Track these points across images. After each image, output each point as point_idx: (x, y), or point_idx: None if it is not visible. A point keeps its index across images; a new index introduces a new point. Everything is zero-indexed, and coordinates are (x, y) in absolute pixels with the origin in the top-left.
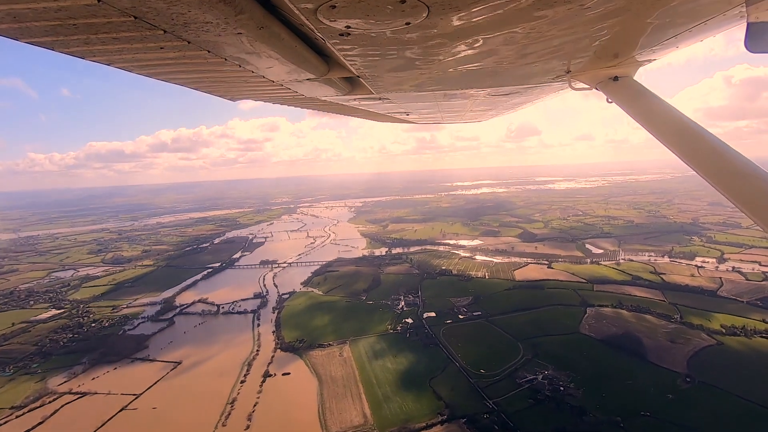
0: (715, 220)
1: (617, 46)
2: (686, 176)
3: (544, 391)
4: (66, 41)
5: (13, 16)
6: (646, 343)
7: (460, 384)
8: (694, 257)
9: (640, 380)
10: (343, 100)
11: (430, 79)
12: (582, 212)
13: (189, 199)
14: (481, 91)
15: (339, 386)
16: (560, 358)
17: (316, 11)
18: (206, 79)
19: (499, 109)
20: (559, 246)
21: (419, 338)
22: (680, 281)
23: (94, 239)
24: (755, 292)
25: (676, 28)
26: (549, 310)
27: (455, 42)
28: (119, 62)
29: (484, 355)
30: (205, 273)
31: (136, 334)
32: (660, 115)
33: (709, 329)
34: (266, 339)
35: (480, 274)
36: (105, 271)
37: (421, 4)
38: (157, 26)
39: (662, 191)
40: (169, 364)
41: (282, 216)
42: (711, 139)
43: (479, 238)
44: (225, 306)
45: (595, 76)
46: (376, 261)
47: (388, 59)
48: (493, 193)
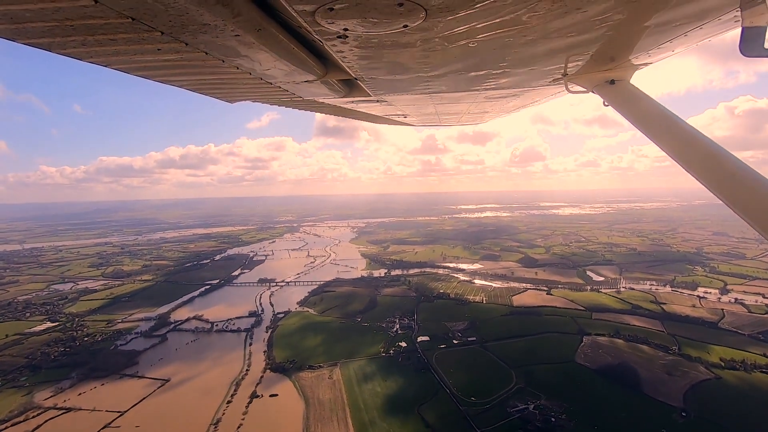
0: (720, 250)
1: (613, 50)
2: (692, 205)
3: (534, 421)
4: (63, 42)
5: (10, 17)
6: (642, 374)
7: (450, 411)
8: (696, 287)
9: (634, 413)
10: (341, 102)
11: (427, 82)
12: (585, 239)
13: (194, 215)
14: (478, 94)
15: (326, 410)
16: (553, 387)
17: (314, 13)
18: (204, 80)
19: (497, 111)
20: (560, 272)
21: (411, 362)
22: (681, 312)
23: (97, 253)
24: (757, 325)
25: (671, 32)
26: (545, 338)
27: (452, 44)
28: (116, 63)
29: (475, 382)
30: (203, 290)
31: (127, 350)
32: (656, 119)
33: (708, 362)
34: (257, 358)
35: (478, 299)
36: (104, 284)
37: (418, 6)
38: (155, 28)
39: (667, 219)
40: (157, 381)
41: (284, 234)
42: (706, 142)
43: (479, 262)
44: (219, 324)
45: (592, 80)
46: (374, 282)
47: (385, 61)
48: (497, 217)
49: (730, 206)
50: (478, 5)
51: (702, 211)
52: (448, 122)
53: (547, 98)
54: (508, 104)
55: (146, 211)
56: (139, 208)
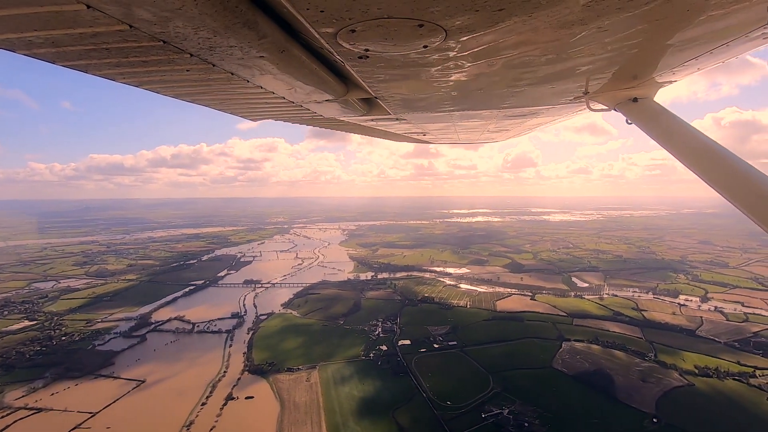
0: (703, 259)
1: (636, 68)
2: (680, 214)
3: (508, 426)
4: (99, 65)
5: (52, 41)
6: (617, 380)
7: (424, 415)
8: (677, 295)
9: (607, 419)
10: (361, 121)
11: (446, 100)
12: (573, 245)
13: (184, 215)
14: (497, 112)
15: (300, 413)
16: (529, 392)
17: (336, 35)
18: (229, 100)
19: (516, 129)
20: (546, 278)
21: (390, 366)
22: (661, 319)
23: (82, 251)
24: (734, 333)
25: (696, 50)
26: (524, 343)
27: (472, 64)
28: (147, 84)
29: (453, 387)
30: (187, 290)
31: (104, 350)
32: (681, 137)
33: (682, 369)
34: (236, 360)
35: (462, 303)
36: (87, 283)
37: (438, 27)
38: (184, 50)
39: (655, 227)
40: (132, 382)
41: (274, 236)
42: (734, 161)
43: (467, 266)
44: (200, 324)
45: (614, 97)
46: (359, 285)
47: (405, 81)
48: (488, 222)
49: (762, 226)
50: (497, 26)
51: (690, 219)
52: (467, 140)
53: (567, 116)
54: (527, 122)
55: (136, 210)
56: (129, 207)
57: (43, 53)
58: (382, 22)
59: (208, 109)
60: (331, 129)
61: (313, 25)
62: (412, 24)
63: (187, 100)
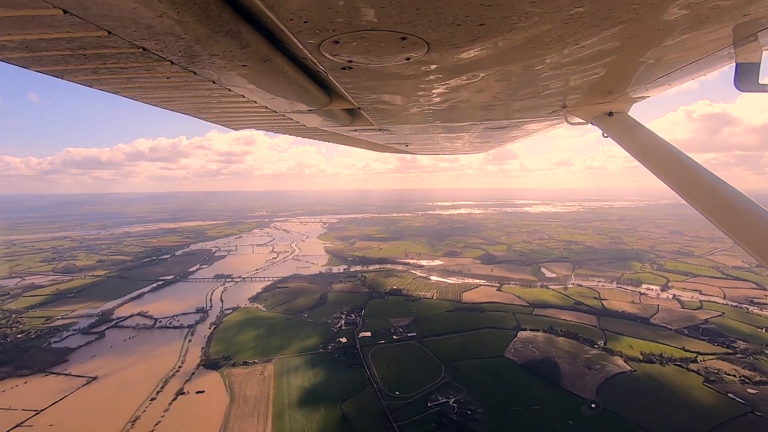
0: (671, 248)
1: (611, 84)
2: (658, 204)
3: (450, 414)
4: (75, 71)
5: (26, 45)
6: (563, 368)
7: (371, 406)
8: (640, 284)
9: (547, 406)
10: (344, 131)
11: (428, 113)
12: (548, 236)
13: (164, 209)
14: (479, 125)
15: (249, 406)
16: (477, 381)
17: (320, 46)
18: (211, 108)
19: (497, 141)
20: (516, 269)
21: (346, 358)
22: (618, 307)
23: (53, 247)
24: (686, 320)
25: (667, 68)
26: (481, 333)
27: (453, 77)
28: (126, 91)
29: (404, 377)
30: (155, 285)
31: (59, 347)
32: (653, 149)
33: (627, 356)
34: (193, 355)
35: (429, 295)
36: (53, 280)
37: (421, 40)
38: (165, 57)
39: (631, 218)
40: (83, 379)
41: (253, 230)
42: (703, 173)
43: (440, 258)
44: (163, 320)
45: (591, 112)
46: (330, 278)
47: (388, 92)
48: (469, 214)
49: (730, 236)
50: (478, 40)
51: (665, 210)
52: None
53: (546, 129)
54: (508, 134)
55: (115, 205)
56: (108, 202)
57: (17, 58)
58: (365, 34)
59: None
60: (314, 139)
61: (297, 36)
62: (396, 37)
63: (168, 108)
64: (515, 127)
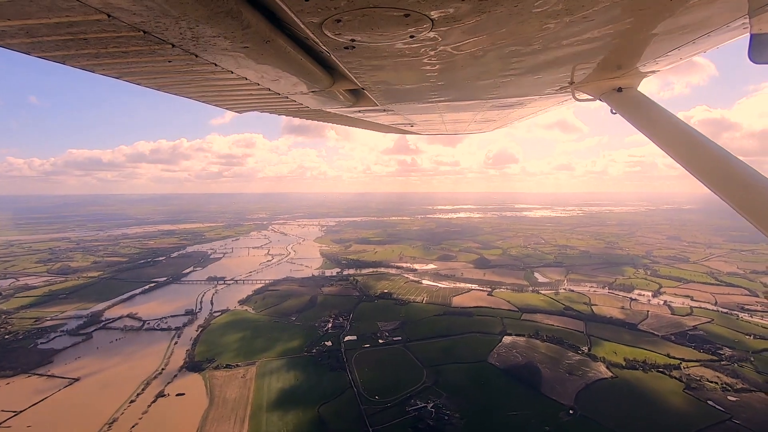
0: (667, 254)
1: (620, 58)
2: (659, 210)
3: (427, 419)
4: (76, 55)
5: (26, 31)
6: (544, 374)
7: (350, 410)
8: (632, 290)
9: (525, 412)
10: (348, 112)
11: (433, 91)
12: (544, 241)
13: (165, 211)
14: (484, 102)
15: (227, 409)
16: (458, 386)
17: (322, 25)
18: (213, 91)
19: (503, 119)
20: (509, 273)
21: (330, 362)
22: (608, 313)
23: (50, 248)
24: (674, 326)
25: (678, 40)
26: (467, 338)
27: (458, 54)
28: (128, 75)
29: (385, 382)
30: (147, 287)
31: (45, 348)
32: (664, 126)
33: (611, 362)
34: (177, 357)
35: (419, 299)
36: (46, 281)
37: (424, 17)
38: (166, 40)
39: (630, 223)
40: (65, 380)
41: (251, 232)
42: (715, 149)
43: (434, 262)
44: (151, 322)
45: (599, 87)
46: (322, 281)
47: (392, 71)
48: (468, 218)
49: (740, 212)
50: (483, 15)
51: (666, 215)
52: (454, 131)
53: (553, 106)
54: (513, 113)
55: (116, 206)
56: (110, 203)
57: (17, 44)
58: (367, 12)
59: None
60: (317, 120)
61: (298, 15)
62: (399, 13)
63: (170, 92)
64: (521, 104)
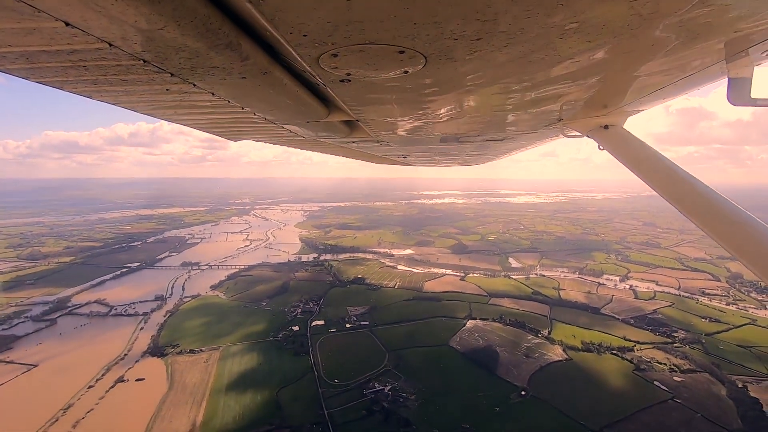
0: (641, 240)
1: (606, 98)
2: (640, 196)
3: (383, 402)
4: (75, 82)
5: (27, 57)
6: (502, 357)
7: (308, 394)
8: (601, 275)
9: (479, 393)
10: (342, 142)
11: (425, 125)
12: (523, 226)
13: (145, 195)
14: (476, 137)
15: (186, 394)
16: (416, 369)
17: (319, 59)
18: (209, 120)
19: (495, 153)
20: (483, 259)
21: (294, 346)
22: (574, 297)
23: (21, 233)
24: (635, 310)
25: (660, 83)
26: (432, 322)
27: (450, 91)
28: (125, 102)
29: (346, 366)
30: (119, 272)
31: (5, 335)
32: (648, 162)
33: (568, 345)
34: (141, 342)
35: (391, 284)
36: (15, 267)
37: (418, 54)
38: (165, 69)
39: (610, 209)
40: (23, 366)
41: (232, 217)
42: (698, 185)
43: (412, 247)
44: (118, 307)
45: (586, 125)
46: (296, 267)
47: (386, 105)
48: (452, 204)
49: (725, 247)
50: (475, 54)
51: (645, 202)
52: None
53: (543, 141)
54: (504, 147)
55: (96, 190)
56: (89, 187)
57: (16, 69)
58: (363, 48)
59: None
60: (312, 150)
61: (296, 49)
62: (394, 50)
63: (166, 119)
64: (512, 139)
